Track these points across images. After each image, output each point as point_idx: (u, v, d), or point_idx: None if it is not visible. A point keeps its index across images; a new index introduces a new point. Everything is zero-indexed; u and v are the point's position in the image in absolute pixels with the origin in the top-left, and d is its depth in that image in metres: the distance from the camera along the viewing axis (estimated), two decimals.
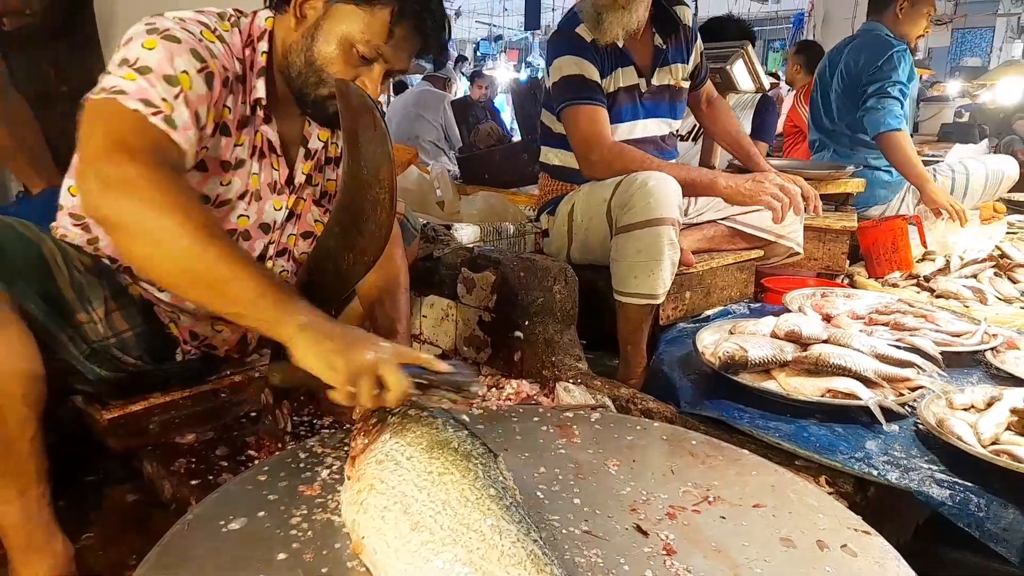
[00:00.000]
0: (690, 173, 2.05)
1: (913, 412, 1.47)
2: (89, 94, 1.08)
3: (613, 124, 2.14)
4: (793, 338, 1.67)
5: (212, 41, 1.17)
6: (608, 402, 1.62)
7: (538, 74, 12.69)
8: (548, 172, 2.36)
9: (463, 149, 4.96)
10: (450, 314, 2.04)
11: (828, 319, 1.91)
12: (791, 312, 1.94)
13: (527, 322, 1.84)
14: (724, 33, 3.27)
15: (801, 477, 1.21)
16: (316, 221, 1.47)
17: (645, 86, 2.24)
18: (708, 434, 1.36)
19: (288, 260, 1.46)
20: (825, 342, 1.66)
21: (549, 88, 2.22)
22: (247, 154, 1.29)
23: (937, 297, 2.41)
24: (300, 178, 1.40)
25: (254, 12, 1.29)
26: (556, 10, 16.84)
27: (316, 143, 1.40)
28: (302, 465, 1.12)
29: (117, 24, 2.19)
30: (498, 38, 20.90)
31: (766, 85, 3.33)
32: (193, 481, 1.29)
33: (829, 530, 1.00)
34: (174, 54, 1.10)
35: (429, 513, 0.83)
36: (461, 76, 10.60)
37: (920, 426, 1.41)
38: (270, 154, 1.33)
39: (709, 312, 2.26)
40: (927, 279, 2.56)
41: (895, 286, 2.58)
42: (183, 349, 1.40)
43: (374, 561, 0.84)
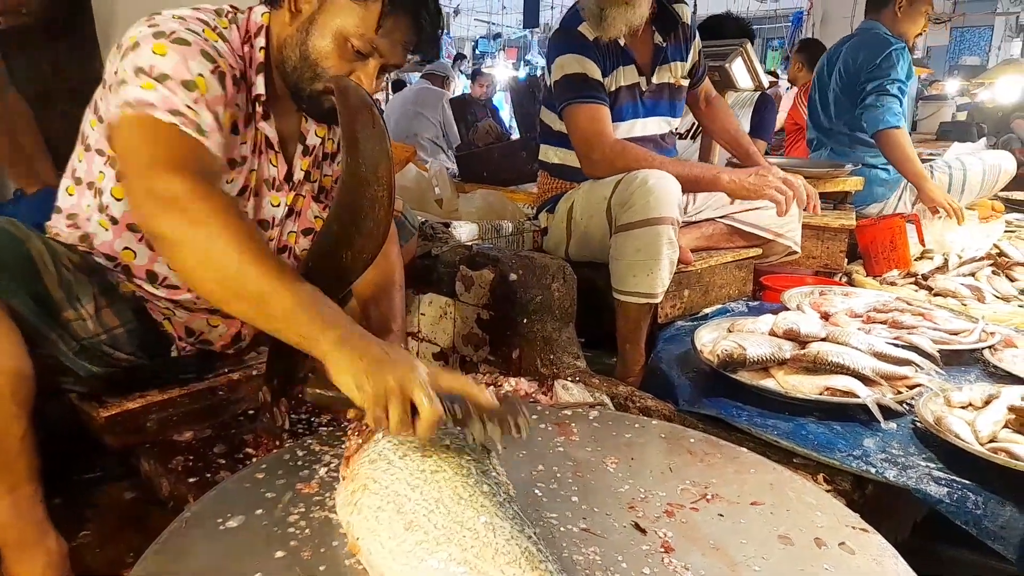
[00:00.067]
0: (693, 169, 2.04)
1: (911, 410, 1.47)
2: (115, 108, 1.09)
3: (614, 123, 2.14)
4: (791, 336, 1.67)
5: (215, 40, 1.18)
6: (606, 400, 1.62)
7: (537, 72, 12.68)
8: (547, 170, 2.36)
9: (461, 147, 4.96)
10: (448, 312, 2.04)
11: (826, 317, 1.91)
12: (789, 310, 1.94)
13: (525, 320, 1.84)
14: (723, 31, 3.27)
15: (799, 475, 1.21)
16: (316, 217, 1.47)
17: (645, 84, 2.23)
18: (706, 432, 1.36)
19: (289, 257, 1.46)
20: (823, 340, 1.66)
21: (550, 86, 2.21)
22: (249, 151, 1.29)
23: (935, 295, 2.41)
24: (298, 174, 1.39)
25: (250, 8, 1.29)
26: (555, 8, 16.85)
27: (313, 139, 1.40)
28: (300, 463, 1.12)
29: (116, 24, 2.19)
30: (497, 36, 20.89)
31: (765, 83, 3.34)
32: (191, 479, 1.29)
33: (827, 528, 1.00)
34: (187, 58, 1.11)
35: (423, 512, 0.83)
36: (460, 74, 10.60)
37: (918, 424, 1.42)
38: (268, 150, 1.33)
39: (707, 310, 2.26)
40: (925, 277, 2.56)
41: (893, 284, 2.59)
42: (178, 346, 1.40)
43: (370, 562, 0.84)
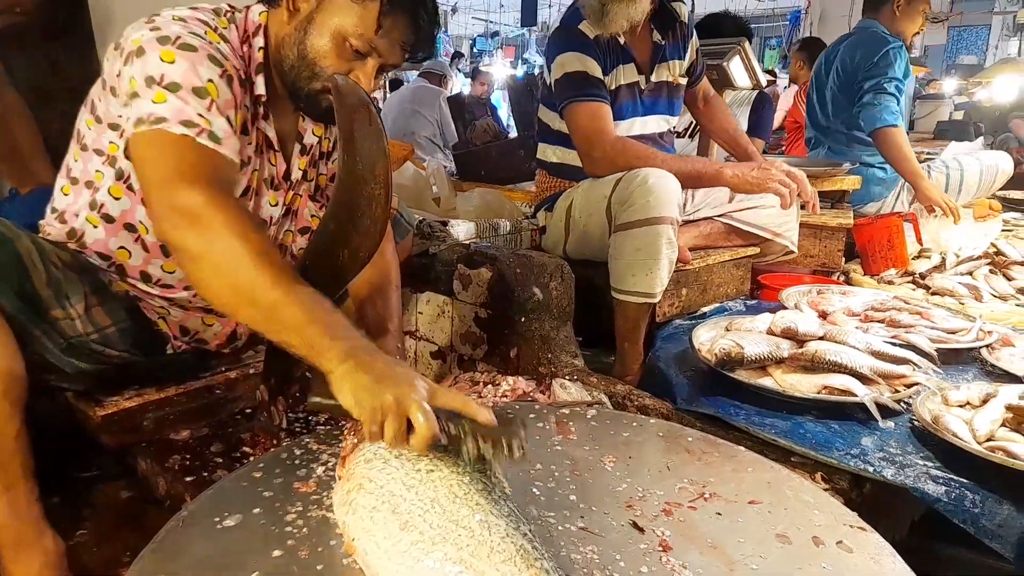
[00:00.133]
0: (695, 165, 2.04)
1: (909, 409, 1.48)
2: (130, 124, 1.09)
3: (613, 122, 2.13)
4: (789, 335, 1.67)
5: (218, 42, 1.18)
6: (604, 399, 1.62)
7: (535, 71, 12.67)
8: (546, 169, 2.36)
9: (459, 145, 4.95)
10: (446, 311, 2.03)
11: (824, 316, 1.91)
12: (787, 309, 1.94)
13: (523, 319, 1.84)
14: (721, 30, 3.26)
15: (797, 473, 1.21)
16: (312, 216, 1.47)
17: (644, 83, 2.23)
18: (704, 431, 1.36)
19: (286, 256, 1.46)
20: (821, 339, 1.66)
21: (550, 85, 2.20)
22: (252, 151, 1.29)
23: (933, 294, 2.41)
24: (296, 174, 1.39)
25: (247, 7, 1.28)
26: (553, 6, 16.82)
27: (311, 138, 1.40)
28: (297, 462, 1.12)
29: (114, 23, 2.19)
30: (495, 34, 20.86)
31: (763, 82, 3.33)
32: (188, 478, 1.29)
33: (825, 526, 1.00)
34: (196, 64, 1.11)
35: (418, 512, 0.83)
36: (457, 72, 10.59)
37: (916, 423, 1.42)
38: (268, 150, 1.32)
39: (705, 309, 2.26)
40: (923, 276, 2.56)
41: (891, 283, 2.59)
42: (173, 345, 1.39)
43: (366, 562, 0.84)
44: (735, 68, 2.96)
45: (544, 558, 0.78)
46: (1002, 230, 3.05)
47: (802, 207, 2.22)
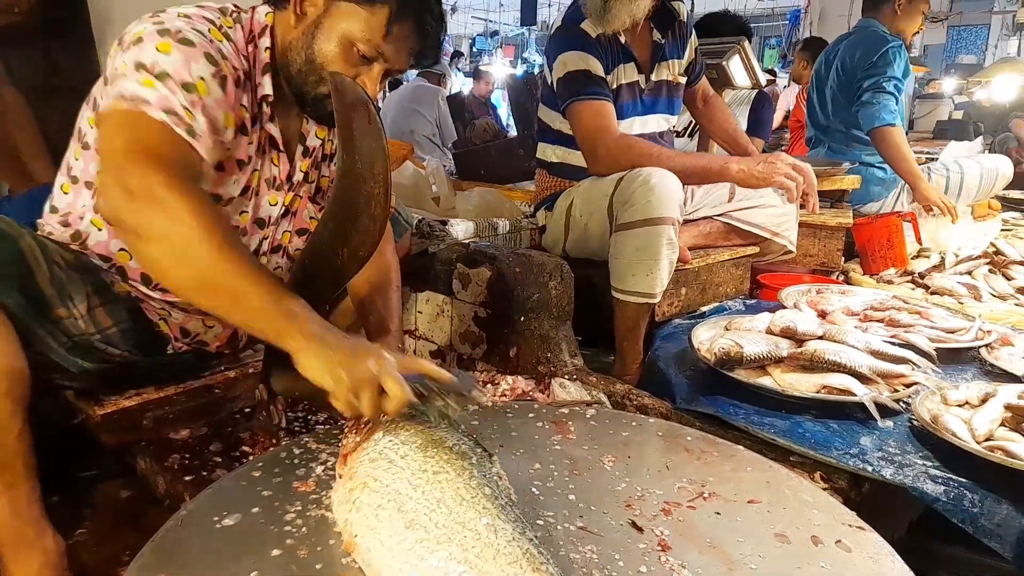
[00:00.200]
0: (700, 160, 2.04)
1: (908, 408, 1.48)
2: (108, 100, 1.08)
3: None
4: (788, 334, 1.67)
5: (221, 40, 1.17)
6: (603, 398, 1.62)
7: (535, 70, 12.67)
8: (545, 169, 2.35)
9: (459, 144, 4.95)
10: (445, 310, 2.04)
11: (823, 315, 1.91)
12: (786, 308, 1.94)
13: (523, 318, 1.84)
14: (720, 29, 3.26)
15: (796, 473, 1.21)
16: (311, 218, 1.47)
17: (644, 82, 2.23)
18: (703, 430, 1.36)
19: (282, 256, 1.46)
20: (820, 338, 1.66)
21: (551, 84, 2.19)
22: (254, 151, 1.29)
23: (932, 294, 2.41)
24: (298, 175, 1.39)
25: (252, 8, 1.28)
26: (552, 6, 16.80)
27: (314, 140, 1.40)
28: (296, 461, 1.12)
29: (113, 22, 2.19)
30: (494, 34, 20.84)
31: (762, 81, 3.34)
32: (187, 477, 1.29)
33: (824, 526, 1.00)
34: (190, 59, 1.11)
35: (424, 511, 0.83)
36: (457, 72, 10.59)
37: (915, 422, 1.42)
38: (271, 150, 1.32)
39: (705, 308, 2.26)
40: (922, 276, 2.56)
41: (890, 283, 2.59)
42: (174, 346, 1.39)
43: (367, 560, 0.84)
44: (735, 67, 2.96)
45: (549, 562, 0.78)
46: (1001, 230, 3.05)
47: (802, 207, 2.22)
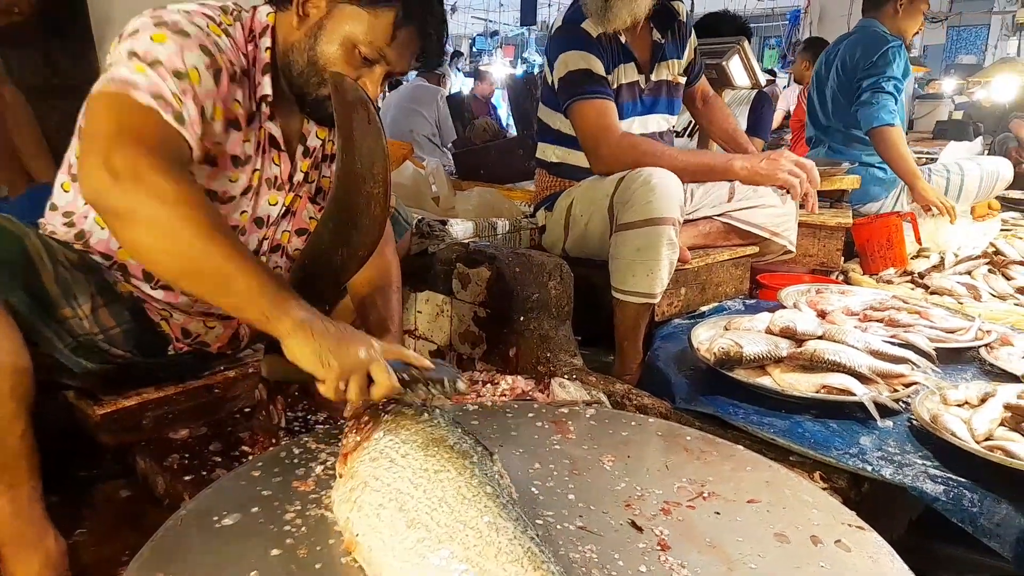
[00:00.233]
0: (704, 157, 2.04)
1: (907, 408, 1.48)
2: (98, 84, 1.08)
3: None
4: (788, 334, 1.67)
5: (219, 35, 1.17)
6: (603, 398, 1.62)
7: (534, 70, 12.66)
8: (545, 168, 2.35)
9: (459, 144, 4.95)
10: (445, 310, 2.04)
11: (823, 315, 1.91)
12: (786, 308, 1.94)
13: (522, 318, 1.84)
14: (720, 29, 3.27)
15: (795, 473, 1.21)
16: (311, 218, 1.47)
17: (644, 82, 2.23)
18: (703, 430, 1.36)
19: (282, 256, 1.46)
20: (820, 338, 1.66)
21: (552, 84, 2.18)
22: (253, 150, 1.29)
23: (931, 294, 2.41)
24: (298, 175, 1.39)
25: (254, 7, 1.28)
26: (552, 6, 16.81)
27: (315, 140, 1.40)
28: (296, 461, 1.12)
29: (113, 22, 2.19)
30: (494, 34, 20.85)
31: (762, 81, 3.34)
32: (186, 477, 1.29)
33: (823, 526, 1.00)
34: (184, 48, 1.10)
35: (425, 510, 0.83)
36: (456, 71, 10.59)
37: (914, 422, 1.42)
38: (272, 150, 1.32)
39: (704, 308, 2.26)
40: (921, 276, 2.56)
41: (890, 283, 2.59)
42: (175, 346, 1.39)
43: (368, 559, 0.84)
44: (734, 67, 2.97)
45: (551, 561, 0.78)
46: (1001, 230, 3.05)
47: (801, 206, 2.22)
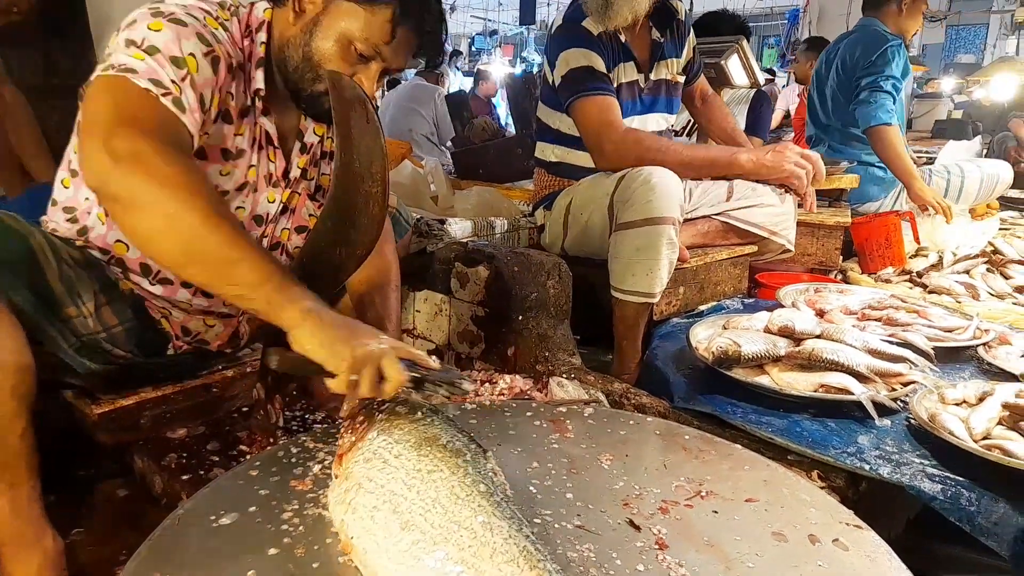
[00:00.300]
0: (709, 152, 2.04)
1: (905, 407, 1.48)
2: (97, 71, 1.07)
3: None
4: (786, 333, 1.67)
5: (216, 28, 1.18)
6: (601, 397, 1.62)
7: (533, 69, 12.65)
8: (544, 168, 2.35)
9: (457, 143, 4.95)
10: (443, 309, 2.03)
11: (821, 314, 1.91)
12: (784, 307, 1.94)
13: (521, 317, 1.84)
14: (719, 28, 3.27)
15: (793, 472, 1.21)
16: (310, 216, 1.47)
17: (644, 81, 2.23)
18: (701, 429, 1.36)
19: (281, 254, 1.46)
20: (818, 337, 1.66)
21: (552, 83, 2.18)
22: (247, 145, 1.29)
23: (930, 293, 2.42)
24: (295, 172, 1.39)
25: (251, 3, 1.29)
26: (551, 5, 16.79)
27: (312, 137, 1.39)
28: (294, 460, 1.12)
29: (112, 22, 2.19)
30: (493, 33, 20.85)
31: (761, 80, 3.34)
32: (184, 476, 1.29)
33: (821, 524, 1.00)
34: (181, 36, 1.11)
35: (419, 511, 0.82)
36: (456, 71, 10.58)
37: (912, 421, 1.42)
38: (267, 146, 1.32)
39: (703, 307, 2.26)
40: (920, 275, 2.56)
41: (888, 282, 2.59)
42: (175, 345, 1.39)
43: (364, 561, 0.84)
44: (733, 66, 2.97)
45: (547, 559, 0.78)
46: (999, 229, 3.05)
47: (799, 205, 2.22)
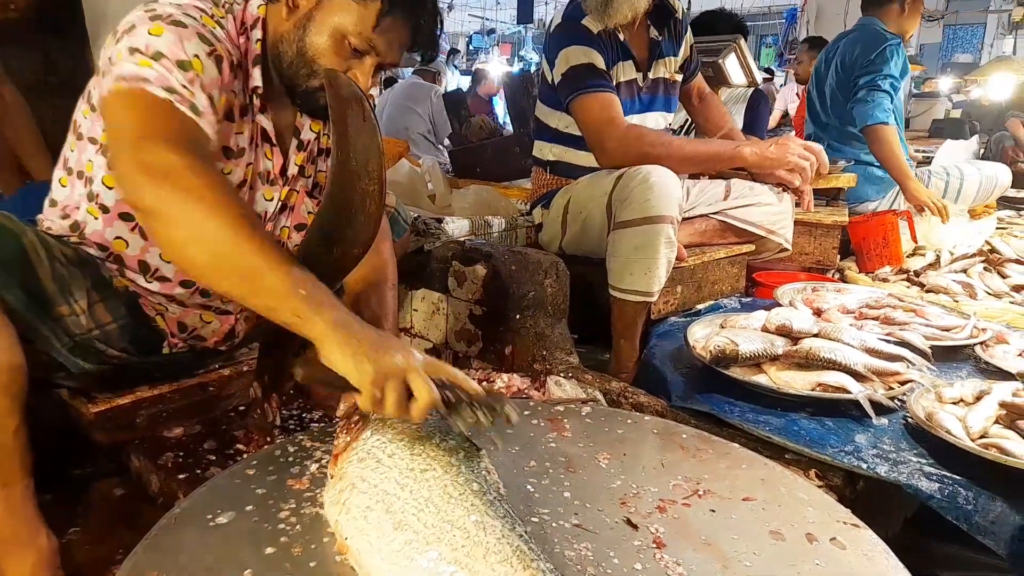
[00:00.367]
0: (711, 146, 2.04)
1: (903, 406, 1.48)
2: (108, 83, 1.08)
3: None
4: (784, 332, 1.67)
5: (213, 26, 1.17)
6: (599, 396, 1.62)
7: (531, 68, 12.64)
8: (542, 167, 2.35)
9: (455, 142, 4.94)
10: (441, 308, 2.03)
11: (819, 313, 1.91)
12: (782, 306, 1.94)
13: (518, 316, 1.84)
14: (717, 27, 3.26)
15: (791, 470, 1.21)
16: (309, 213, 1.46)
17: (642, 80, 2.23)
18: (699, 428, 1.36)
19: None
20: (815, 336, 1.66)
21: (551, 82, 2.17)
22: (246, 143, 1.29)
23: (927, 292, 2.42)
24: (293, 169, 1.39)
25: (245, 0, 1.28)
26: (549, 3, 16.81)
27: (308, 134, 1.39)
28: (291, 459, 1.12)
29: (107, 19, 2.19)
30: (491, 32, 20.85)
31: (759, 79, 3.34)
32: (181, 475, 1.28)
33: (818, 523, 1.00)
34: (183, 39, 1.10)
35: (412, 511, 0.82)
36: (453, 69, 10.57)
37: (909, 420, 1.42)
38: (264, 144, 1.32)
39: (700, 306, 2.26)
40: (917, 274, 2.57)
41: (885, 281, 2.59)
42: (170, 342, 1.39)
43: (359, 561, 0.83)
44: (731, 65, 2.96)
45: (540, 559, 0.78)
46: (996, 228, 3.06)
47: (797, 204, 2.22)
